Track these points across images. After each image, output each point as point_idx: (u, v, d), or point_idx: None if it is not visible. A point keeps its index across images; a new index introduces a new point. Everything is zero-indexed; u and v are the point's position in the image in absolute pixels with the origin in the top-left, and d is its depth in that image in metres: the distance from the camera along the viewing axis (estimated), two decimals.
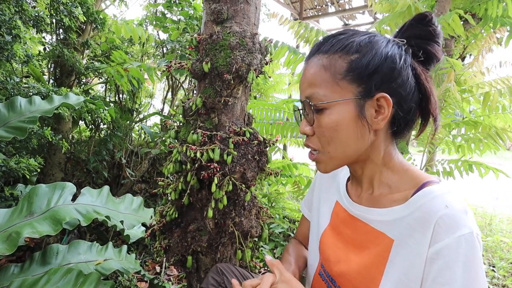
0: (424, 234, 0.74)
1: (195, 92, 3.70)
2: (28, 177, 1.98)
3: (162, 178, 1.64)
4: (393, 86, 0.79)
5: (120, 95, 3.93)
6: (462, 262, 0.69)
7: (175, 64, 1.56)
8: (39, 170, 2.03)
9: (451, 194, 0.77)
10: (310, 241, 1.11)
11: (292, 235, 2.56)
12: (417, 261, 0.75)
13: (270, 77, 1.67)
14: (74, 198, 1.69)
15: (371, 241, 0.86)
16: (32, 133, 2.25)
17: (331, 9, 8.46)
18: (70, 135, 3.54)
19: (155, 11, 3.96)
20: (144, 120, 4.22)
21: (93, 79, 3.89)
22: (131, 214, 1.84)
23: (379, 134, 0.84)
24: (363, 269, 0.85)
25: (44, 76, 3.38)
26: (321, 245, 1.02)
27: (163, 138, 3.59)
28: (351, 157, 0.85)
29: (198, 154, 1.39)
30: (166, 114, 4.14)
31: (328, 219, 1.03)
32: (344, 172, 1.06)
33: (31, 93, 2.31)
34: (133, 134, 4.15)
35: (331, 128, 0.81)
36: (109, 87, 3.99)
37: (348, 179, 1.03)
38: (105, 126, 3.66)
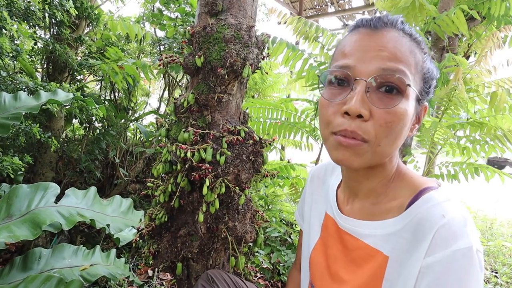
0: (420, 247, 0.65)
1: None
2: (12, 176, 1.88)
3: (152, 179, 1.55)
4: (428, 98, 0.76)
5: (116, 93, 3.85)
6: (455, 280, 0.60)
7: (166, 58, 1.48)
8: (23, 169, 1.93)
9: (450, 202, 0.68)
10: (302, 256, 1.01)
11: (289, 239, 2.47)
12: (411, 277, 0.66)
13: (266, 73, 1.58)
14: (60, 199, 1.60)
15: (364, 259, 0.76)
16: (20, 130, 2.16)
17: (331, 9, 8.38)
18: (64, 133, 3.45)
19: (152, 8, 3.87)
20: (140, 119, 4.13)
21: (88, 76, 3.80)
22: (119, 217, 1.75)
23: None
24: None
25: (37, 73, 3.30)
26: (311, 262, 0.92)
27: (159, 138, 3.50)
28: (386, 157, 0.73)
29: (189, 154, 1.30)
30: (162, 113, 4.05)
31: (319, 233, 0.92)
32: (334, 178, 0.96)
33: (20, 89, 2.22)
34: (128, 133, 4.07)
35: (401, 119, 0.67)
36: (104, 84, 3.91)
37: (339, 186, 0.93)
38: (100, 124, 3.57)
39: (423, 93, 0.73)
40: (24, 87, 2.22)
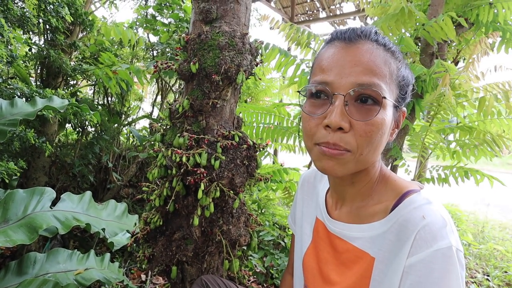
0: (403, 248, 0.68)
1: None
2: (7, 181, 1.88)
3: (147, 183, 1.57)
4: (406, 103, 0.81)
5: (109, 98, 3.85)
6: (436, 278, 0.63)
7: (161, 64, 1.50)
8: (18, 174, 1.93)
9: (431, 204, 0.71)
10: (295, 260, 1.03)
11: (282, 243, 2.50)
12: (396, 277, 0.69)
13: (260, 78, 1.61)
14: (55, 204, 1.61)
15: (353, 261, 0.79)
16: (15, 135, 2.16)
17: (322, 14, 8.46)
18: (57, 138, 3.44)
19: (145, 13, 3.89)
20: (133, 123, 4.14)
21: (81, 81, 3.81)
22: (114, 221, 1.76)
23: None
24: None
25: (31, 78, 3.29)
26: (304, 266, 0.95)
27: (152, 142, 3.52)
28: (369, 164, 0.76)
29: (184, 159, 1.32)
30: (155, 117, 4.06)
31: (310, 237, 0.95)
32: (323, 183, 0.99)
33: (15, 95, 2.23)
34: (121, 138, 4.07)
35: (380, 128, 0.70)
36: (98, 89, 3.91)
37: (328, 191, 0.96)
38: (93, 129, 3.58)
39: (400, 99, 0.77)
40: (19, 93, 2.22)
